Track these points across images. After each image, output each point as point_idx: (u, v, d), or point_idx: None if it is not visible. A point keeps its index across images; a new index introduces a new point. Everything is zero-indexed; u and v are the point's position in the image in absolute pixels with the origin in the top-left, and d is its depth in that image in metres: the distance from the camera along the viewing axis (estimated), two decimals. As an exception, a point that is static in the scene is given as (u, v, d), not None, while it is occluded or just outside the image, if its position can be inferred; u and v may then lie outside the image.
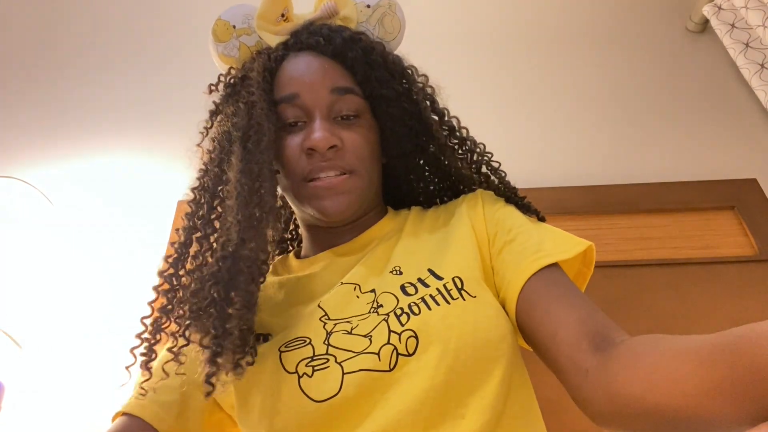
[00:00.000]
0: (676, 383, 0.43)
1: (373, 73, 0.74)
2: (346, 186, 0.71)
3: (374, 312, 0.62)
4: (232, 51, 0.80)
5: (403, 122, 0.77)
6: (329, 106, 0.72)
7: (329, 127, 0.70)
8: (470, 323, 0.59)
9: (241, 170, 0.66)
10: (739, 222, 1.33)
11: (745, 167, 1.42)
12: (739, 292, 1.23)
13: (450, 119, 0.78)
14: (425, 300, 0.61)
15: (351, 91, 0.74)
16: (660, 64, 1.67)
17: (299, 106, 0.72)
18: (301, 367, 0.59)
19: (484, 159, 0.79)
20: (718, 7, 1.60)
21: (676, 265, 1.27)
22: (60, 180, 1.54)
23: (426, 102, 0.77)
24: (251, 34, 0.80)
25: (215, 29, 0.80)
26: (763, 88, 1.44)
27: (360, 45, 0.75)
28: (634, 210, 1.36)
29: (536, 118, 1.58)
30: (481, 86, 1.66)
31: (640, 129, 1.54)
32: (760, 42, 1.49)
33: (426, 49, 1.76)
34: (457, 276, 0.64)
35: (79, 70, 1.80)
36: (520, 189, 0.79)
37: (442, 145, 0.77)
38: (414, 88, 0.76)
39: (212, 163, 0.72)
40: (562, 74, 1.67)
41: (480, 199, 0.77)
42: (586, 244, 0.67)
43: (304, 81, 0.72)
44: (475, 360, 0.57)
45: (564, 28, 1.78)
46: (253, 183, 0.65)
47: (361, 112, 0.75)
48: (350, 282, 0.69)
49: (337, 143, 0.70)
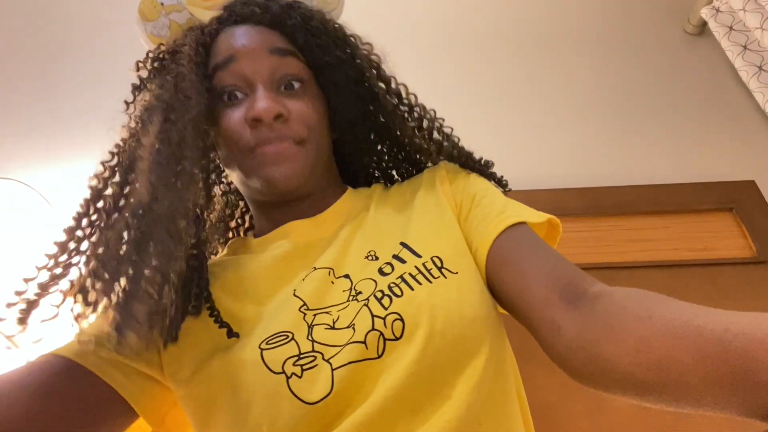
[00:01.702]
0: (673, 372, 0.41)
1: (314, 40, 0.71)
2: (294, 154, 0.67)
3: (353, 300, 0.59)
4: (162, 30, 0.75)
5: (349, 89, 0.74)
6: (271, 73, 0.68)
7: (273, 96, 0.67)
8: (455, 301, 0.57)
9: (158, 137, 0.61)
10: (737, 224, 1.33)
11: (744, 169, 1.42)
12: (738, 294, 1.23)
13: (397, 86, 0.75)
14: (405, 279, 0.59)
15: (292, 53, 0.70)
16: (658, 66, 1.67)
17: (237, 72, 0.67)
18: (288, 367, 0.55)
19: (435, 125, 0.75)
20: (716, 9, 1.60)
21: (675, 267, 1.28)
22: (59, 182, 1.54)
23: (372, 69, 0.73)
24: (182, 11, 0.75)
25: (141, 8, 0.75)
26: (762, 90, 1.44)
27: (299, 12, 0.72)
28: (633, 212, 1.37)
29: (535, 121, 1.58)
30: (479, 89, 1.66)
31: (639, 131, 1.54)
32: (758, 44, 1.49)
33: (423, 52, 1.77)
34: (435, 255, 0.62)
35: (79, 71, 1.80)
36: (518, 191, 0.78)
37: (390, 111, 0.74)
38: (358, 54, 0.73)
39: (131, 139, 0.66)
40: (560, 76, 1.67)
41: (445, 170, 0.75)
42: (550, 216, 0.67)
43: (242, 45, 0.68)
44: (462, 339, 0.55)
45: (562, 31, 1.78)
46: (171, 151, 0.60)
47: (305, 79, 0.71)
48: (324, 267, 0.65)
49: (283, 111, 0.66)
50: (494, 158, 0.80)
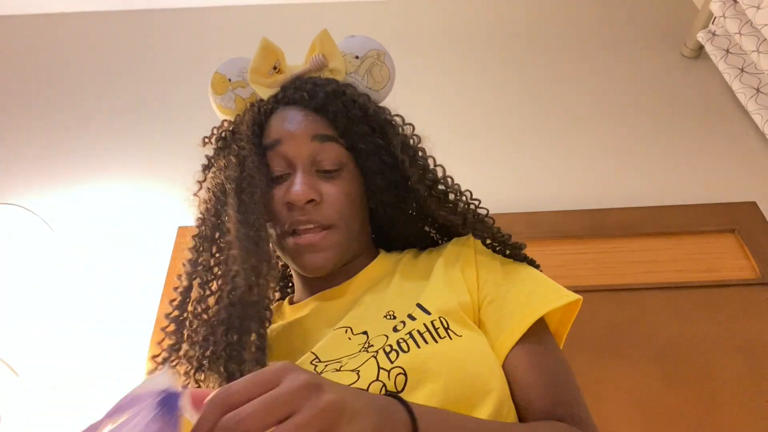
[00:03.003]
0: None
1: (353, 127, 0.76)
2: (325, 243, 0.72)
3: (365, 351, 0.62)
4: (229, 103, 0.84)
5: (383, 175, 0.78)
6: (311, 157, 0.73)
7: (309, 180, 0.72)
8: (460, 359, 0.60)
9: (240, 221, 0.68)
10: (740, 245, 1.33)
11: (745, 190, 1.43)
12: (742, 316, 1.22)
13: (433, 170, 0.78)
14: (413, 336, 0.61)
15: (332, 139, 0.75)
16: (656, 89, 1.69)
17: (282, 155, 0.74)
18: None
19: (469, 209, 0.78)
20: (713, 33, 1.62)
21: (678, 289, 1.27)
22: (60, 206, 1.54)
23: (407, 154, 0.76)
24: (245, 87, 0.83)
25: (213, 81, 0.84)
26: (760, 112, 1.46)
27: (342, 99, 0.76)
28: (635, 233, 1.37)
29: (537, 144, 1.59)
30: (481, 112, 1.67)
31: (640, 153, 1.55)
32: (755, 67, 1.51)
33: (426, 75, 1.79)
34: (442, 316, 0.64)
35: (79, 96, 1.81)
36: (520, 214, 0.78)
37: (423, 197, 0.77)
38: (394, 141, 0.76)
39: (209, 213, 0.75)
40: (561, 99, 1.69)
41: (472, 245, 0.77)
42: (572, 297, 0.68)
43: (287, 130, 0.74)
44: (466, 396, 0.57)
45: (564, 55, 1.81)
46: (252, 232, 0.68)
47: (343, 163, 0.75)
48: (341, 326, 0.69)
49: (314, 197, 0.71)
50: (497, 180, 0.81)
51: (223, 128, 0.82)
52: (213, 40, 1.94)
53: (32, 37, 1.97)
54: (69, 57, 1.91)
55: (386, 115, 0.79)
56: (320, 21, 0.85)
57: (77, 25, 1.99)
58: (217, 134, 0.82)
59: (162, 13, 2.02)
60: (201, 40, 1.94)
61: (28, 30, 1.98)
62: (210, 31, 1.98)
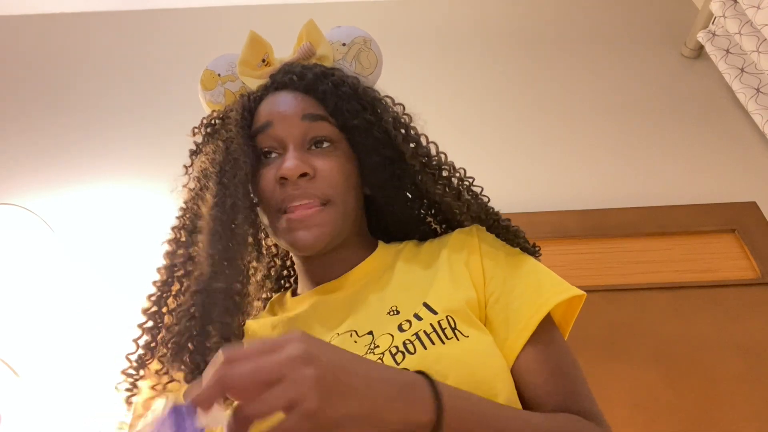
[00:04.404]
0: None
1: (343, 105, 0.76)
2: (320, 218, 0.70)
3: (371, 352, 0.62)
4: (219, 98, 0.84)
5: (377, 151, 0.77)
6: (302, 135, 0.73)
7: (301, 155, 0.71)
8: (467, 362, 0.59)
9: (214, 204, 0.68)
10: (740, 245, 1.33)
11: (745, 190, 1.43)
12: (742, 316, 1.22)
13: (426, 146, 0.78)
14: (419, 337, 0.61)
15: (322, 118, 0.75)
16: (657, 89, 1.69)
17: (272, 136, 0.73)
18: None
19: (464, 184, 0.77)
20: (713, 33, 1.62)
21: (678, 289, 1.27)
22: (60, 206, 1.54)
23: (400, 130, 0.77)
24: (235, 80, 0.84)
25: (202, 79, 0.85)
26: (760, 112, 1.45)
27: (331, 79, 0.77)
28: (635, 234, 1.37)
29: (537, 144, 1.59)
30: (480, 111, 1.67)
31: (640, 153, 1.55)
32: (755, 67, 1.51)
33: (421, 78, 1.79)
34: (450, 315, 0.64)
35: (79, 97, 1.81)
36: (520, 214, 0.78)
37: (417, 172, 0.76)
38: (385, 117, 0.76)
39: (192, 201, 0.75)
40: (561, 99, 1.69)
41: (476, 235, 0.76)
42: (577, 291, 0.68)
43: (277, 111, 0.75)
44: None
45: (563, 55, 1.81)
46: (226, 216, 0.67)
47: (335, 140, 0.75)
48: (346, 331, 0.68)
49: (308, 170, 0.70)
50: (496, 180, 0.81)
51: (212, 116, 0.82)
52: (213, 40, 1.94)
53: (32, 37, 1.97)
54: (69, 57, 1.91)
55: (376, 93, 0.79)
56: (320, 21, 0.85)
57: (77, 25, 1.99)
58: (207, 122, 0.82)
59: (162, 13, 2.02)
60: (201, 40, 1.94)
61: (28, 30, 1.98)
62: (210, 31, 1.98)
